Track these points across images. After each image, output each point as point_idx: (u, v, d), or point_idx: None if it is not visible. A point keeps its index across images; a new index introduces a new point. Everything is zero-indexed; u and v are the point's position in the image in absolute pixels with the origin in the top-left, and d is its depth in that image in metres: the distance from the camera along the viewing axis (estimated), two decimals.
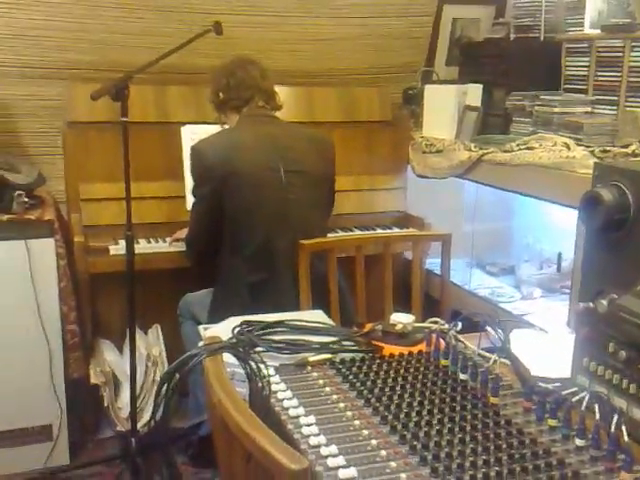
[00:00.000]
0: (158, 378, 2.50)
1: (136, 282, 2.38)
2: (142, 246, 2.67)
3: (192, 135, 2.80)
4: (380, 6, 3.09)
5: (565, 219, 3.10)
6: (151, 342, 2.69)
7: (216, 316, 2.28)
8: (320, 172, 2.32)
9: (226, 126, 2.50)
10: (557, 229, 3.21)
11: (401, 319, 1.55)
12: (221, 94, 2.38)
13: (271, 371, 1.29)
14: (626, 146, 2.34)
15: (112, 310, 2.84)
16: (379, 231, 2.99)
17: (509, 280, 3.25)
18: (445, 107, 3.13)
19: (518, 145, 2.54)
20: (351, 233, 2.81)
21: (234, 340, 1.42)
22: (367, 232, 2.90)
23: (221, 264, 2.31)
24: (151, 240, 2.72)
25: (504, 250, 3.55)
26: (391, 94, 3.32)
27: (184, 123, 2.85)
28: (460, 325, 1.56)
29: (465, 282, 3.24)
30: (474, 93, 3.06)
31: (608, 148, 2.30)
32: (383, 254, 2.02)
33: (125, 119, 2.17)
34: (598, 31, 2.70)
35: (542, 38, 3.01)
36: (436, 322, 1.58)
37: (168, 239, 2.71)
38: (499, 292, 3.08)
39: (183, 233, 2.66)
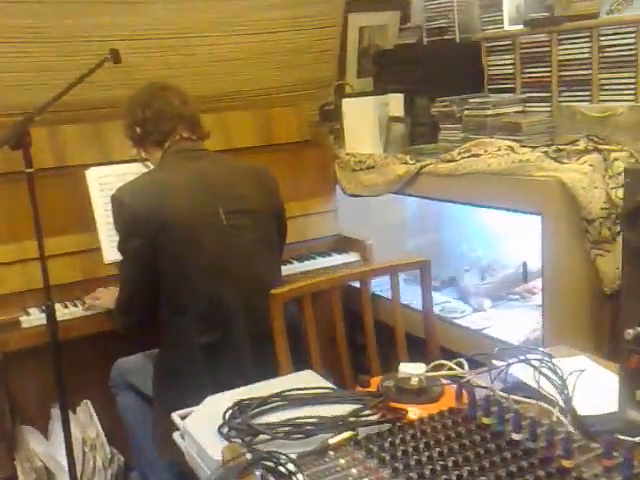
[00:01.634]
0: (100, 464, 2.15)
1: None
2: (58, 312, 2.30)
3: (99, 178, 2.48)
4: (285, 20, 2.88)
5: (497, 223, 3.04)
6: (83, 422, 2.33)
7: (164, 385, 1.98)
8: (265, 207, 2.06)
9: (148, 163, 2.20)
10: (490, 235, 3.13)
11: (411, 370, 1.33)
12: (138, 129, 2.08)
13: (291, 466, 1.04)
14: (573, 142, 2.26)
15: (28, 390, 2.46)
16: (319, 259, 2.77)
17: (452, 292, 3.12)
18: (366, 120, 2.97)
19: (460, 153, 2.40)
20: (295, 265, 2.58)
21: (229, 429, 1.15)
22: (309, 262, 2.69)
23: (165, 325, 2.01)
24: (67, 304, 2.37)
25: (440, 262, 3.44)
26: (307, 112, 3.11)
27: (88, 165, 2.52)
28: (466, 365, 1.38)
29: (409, 300, 3.08)
30: (396, 103, 2.92)
31: (561, 147, 2.20)
32: (349, 292, 1.79)
33: (30, 170, 1.84)
34: (520, 27, 2.63)
35: (458, 39, 2.91)
36: (442, 365, 1.39)
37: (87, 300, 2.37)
38: (449, 307, 2.93)
39: (102, 293, 2.33)
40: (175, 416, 1.30)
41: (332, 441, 1.11)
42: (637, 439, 1.09)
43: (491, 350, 1.44)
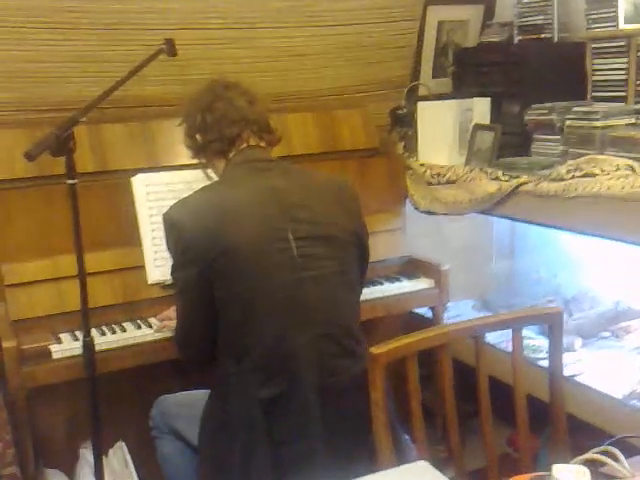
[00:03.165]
0: None
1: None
2: (95, 340, 1.99)
3: (147, 186, 2.16)
4: (361, 11, 2.53)
5: (585, 250, 2.66)
6: (116, 468, 2.02)
7: (212, 438, 1.66)
8: (346, 232, 1.70)
9: (210, 172, 1.88)
10: (575, 263, 2.76)
11: (572, 476, 0.98)
12: (198, 136, 1.75)
13: None
14: None
15: (55, 427, 2.16)
16: (387, 285, 2.42)
17: (532, 326, 2.75)
18: (444, 127, 2.62)
19: (569, 171, 2.03)
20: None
21: None
22: (377, 288, 2.36)
23: (218, 369, 1.68)
24: (105, 330, 2.04)
25: (514, 289, 3.08)
26: (375, 116, 2.77)
27: (134, 171, 2.20)
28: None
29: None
30: (481, 109, 2.57)
31: None
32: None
33: (73, 181, 1.53)
34: (638, 26, 2.25)
35: (556, 39, 2.54)
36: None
37: (154, 322, 2.07)
38: (531, 345, 2.56)
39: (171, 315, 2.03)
40: None
41: None
42: None
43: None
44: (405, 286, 2.48)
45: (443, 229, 2.84)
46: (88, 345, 1.68)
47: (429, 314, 2.60)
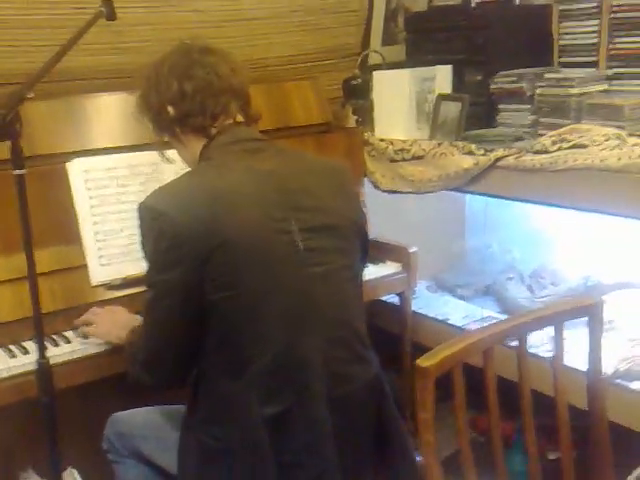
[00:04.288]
0: None
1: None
2: (32, 357, 1.70)
3: (86, 172, 1.87)
4: None
5: (538, 223, 2.57)
6: None
7: (205, 467, 1.43)
8: (348, 221, 1.48)
9: (172, 155, 1.61)
10: (534, 236, 2.66)
11: None
12: (170, 108, 1.47)
13: None
14: None
15: None
16: None
17: (490, 304, 2.64)
18: (402, 98, 2.43)
19: (555, 142, 1.90)
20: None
21: None
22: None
23: (201, 393, 1.42)
24: (45, 342, 1.74)
25: (465, 266, 2.96)
26: (325, 87, 2.55)
27: (68, 155, 1.90)
28: None
29: (440, 313, 2.59)
30: (443, 77, 2.39)
31: None
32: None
33: (21, 171, 1.25)
34: None
35: (518, 1, 2.40)
36: None
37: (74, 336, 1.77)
38: None
39: (99, 316, 1.76)
40: None
41: None
42: None
43: None
44: (370, 272, 2.27)
45: (389, 208, 2.67)
46: (44, 368, 1.40)
47: (395, 300, 2.44)
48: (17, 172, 1.28)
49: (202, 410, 1.42)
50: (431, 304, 2.63)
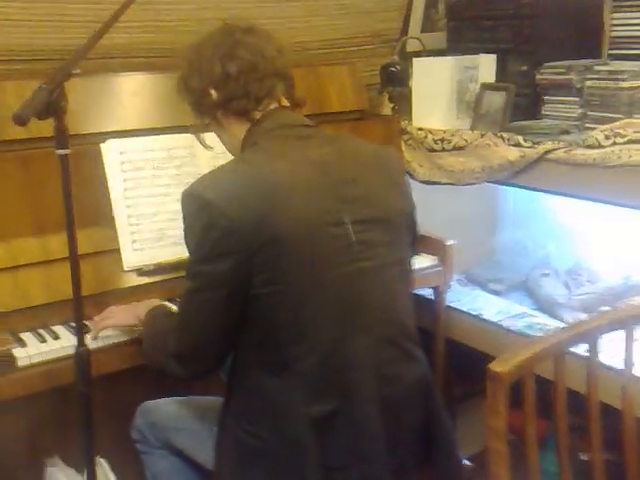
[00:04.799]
0: None
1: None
2: (63, 340, 1.64)
3: (121, 154, 1.81)
4: None
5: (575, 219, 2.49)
6: None
7: (243, 466, 1.37)
8: (399, 213, 1.41)
9: (209, 139, 1.54)
10: (571, 233, 2.59)
11: None
12: (213, 91, 1.40)
13: None
14: None
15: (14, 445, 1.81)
16: None
17: (524, 300, 2.57)
18: (442, 87, 2.36)
19: (608, 137, 1.82)
20: None
21: None
22: None
23: (243, 386, 1.37)
24: (72, 325, 1.69)
25: (495, 262, 2.89)
26: (361, 73, 2.48)
27: (102, 135, 1.84)
28: None
29: (473, 308, 2.52)
30: (487, 67, 2.32)
31: None
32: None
33: (65, 151, 1.19)
34: None
35: None
36: None
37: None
38: (532, 323, 2.37)
39: (114, 312, 1.68)
40: None
41: None
42: None
43: None
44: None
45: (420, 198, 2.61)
46: (82, 356, 1.34)
47: (427, 294, 2.38)
48: (60, 152, 1.22)
49: (240, 407, 1.36)
50: (462, 298, 2.57)
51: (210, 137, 1.59)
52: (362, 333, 1.30)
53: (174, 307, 1.63)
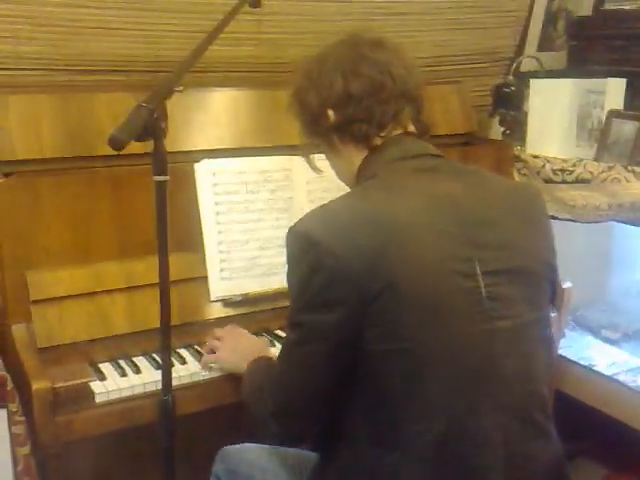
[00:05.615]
0: None
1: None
2: (145, 374, 1.52)
3: (214, 175, 1.68)
4: None
5: None
6: None
7: None
8: (540, 263, 1.21)
9: (321, 162, 1.39)
10: None
11: None
12: (331, 112, 1.24)
13: None
14: None
15: None
16: None
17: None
18: (565, 112, 2.14)
19: None
20: None
21: None
22: None
23: (348, 455, 1.18)
24: (157, 359, 1.57)
25: (606, 304, 2.63)
26: (470, 93, 2.28)
27: (196, 154, 1.72)
28: None
29: (583, 357, 2.27)
30: (615, 91, 2.08)
31: None
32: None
33: (163, 178, 1.05)
34: None
35: None
36: None
37: (188, 355, 1.58)
38: None
39: (221, 350, 1.54)
40: None
41: None
42: None
43: None
44: None
45: None
46: (167, 406, 1.19)
47: None
48: (158, 178, 1.08)
49: (342, 472, 1.18)
50: (571, 345, 2.33)
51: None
52: (492, 407, 1.10)
53: None
